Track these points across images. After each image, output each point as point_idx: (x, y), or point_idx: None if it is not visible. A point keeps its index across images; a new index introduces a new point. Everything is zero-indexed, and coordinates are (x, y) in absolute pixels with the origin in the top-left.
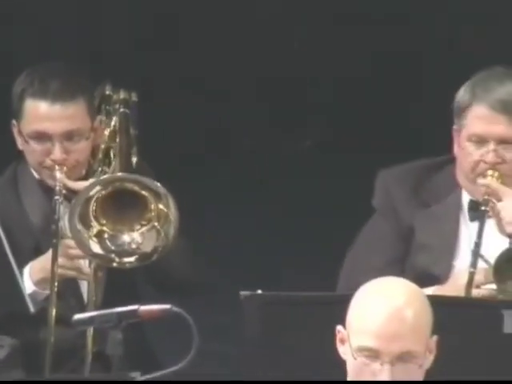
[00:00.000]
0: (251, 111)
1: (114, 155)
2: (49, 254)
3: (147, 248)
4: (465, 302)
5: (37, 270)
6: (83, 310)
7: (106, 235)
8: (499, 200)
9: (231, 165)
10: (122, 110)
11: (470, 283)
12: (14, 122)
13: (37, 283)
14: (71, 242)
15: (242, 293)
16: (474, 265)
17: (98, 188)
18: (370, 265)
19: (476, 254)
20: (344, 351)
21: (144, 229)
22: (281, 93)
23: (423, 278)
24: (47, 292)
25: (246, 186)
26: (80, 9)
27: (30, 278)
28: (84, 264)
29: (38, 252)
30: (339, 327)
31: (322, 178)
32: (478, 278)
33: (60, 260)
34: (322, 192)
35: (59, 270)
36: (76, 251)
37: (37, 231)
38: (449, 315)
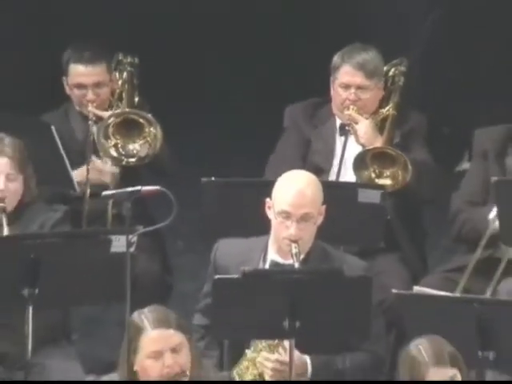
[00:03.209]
0: None
1: (125, 95)
2: (84, 167)
3: (142, 154)
4: (339, 184)
5: (76, 176)
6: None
7: (119, 145)
8: (356, 123)
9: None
10: (129, 69)
11: None
12: (64, 78)
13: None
14: (98, 161)
15: (202, 179)
16: (338, 174)
17: (113, 118)
18: (285, 159)
19: (340, 165)
20: (270, 214)
21: (141, 142)
22: None
23: (317, 171)
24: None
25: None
26: None
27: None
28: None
29: (81, 154)
30: (267, 199)
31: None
32: None
33: (91, 171)
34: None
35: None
36: (101, 166)
37: (80, 141)
38: (330, 193)
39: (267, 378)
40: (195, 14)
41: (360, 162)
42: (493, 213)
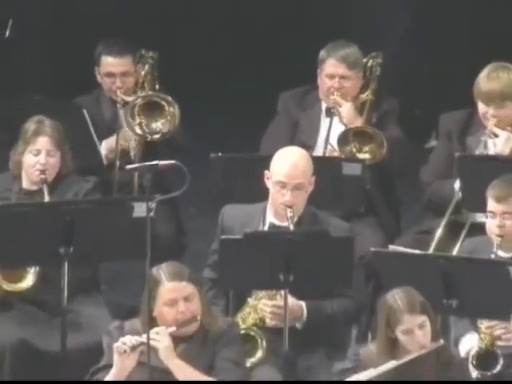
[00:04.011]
0: None
1: (147, 84)
2: (113, 137)
3: (165, 130)
4: (326, 159)
5: (105, 146)
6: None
7: (143, 124)
8: (340, 106)
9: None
10: (150, 62)
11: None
12: (96, 68)
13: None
14: (126, 130)
15: (211, 154)
16: (325, 148)
17: (138, 100)
18: (276, 137)
19: (326, 142)
20: (268, 183)
21: (163, 120)
22: None
23: (303, 147)
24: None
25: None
26: None
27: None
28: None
29: (110, 131)
30: (266, 171)
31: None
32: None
33: (120, 141)
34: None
35: (119, 146)
36: (129, 136)
37: (109, 121)
38: (319, 166)
39: (267, 322)
40: (199, 14)
41: (343, 139)
42: (457, 184)
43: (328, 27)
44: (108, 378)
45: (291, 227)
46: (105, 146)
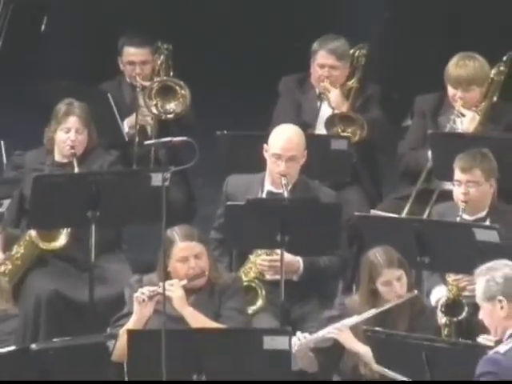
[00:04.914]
0: None
1: (162, 72)
2: (133, 115)
3: (178, 110)
4: (318, 136)
5: (127, 123)
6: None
7: (159, 105)
8: (329, 92)
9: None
10: (165, 53)
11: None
12: (119, 57)
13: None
14: (143, 108)
15: (217, 132)
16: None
17: (155, 84)
18: (281, 116)
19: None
20: (266, 155)
21: (176, 102)
22: None
23: (305, 125)
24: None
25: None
26: None
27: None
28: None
29: (129, 111)
30: (265, 145)
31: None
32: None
33: (139, 117)
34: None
35: (139, 121)
36: (145, 113)
37: (129, 104)
38: (311, 142)
39: (266, 276)
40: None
41: (330, 122)
42: (430, 153)
43: (322, 23)
44: (129, 324)
45: (285, 193)
46: (127, 124)
